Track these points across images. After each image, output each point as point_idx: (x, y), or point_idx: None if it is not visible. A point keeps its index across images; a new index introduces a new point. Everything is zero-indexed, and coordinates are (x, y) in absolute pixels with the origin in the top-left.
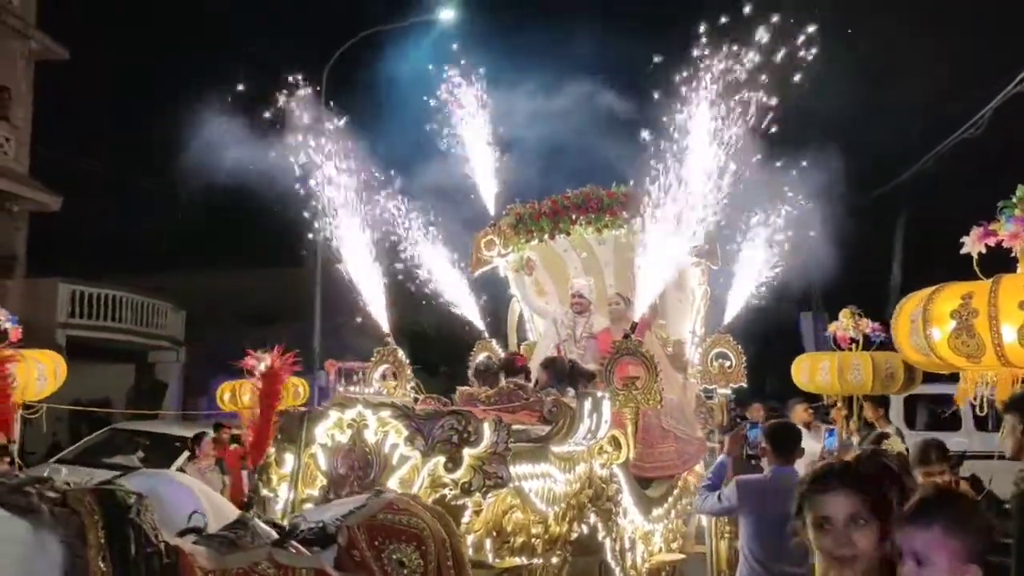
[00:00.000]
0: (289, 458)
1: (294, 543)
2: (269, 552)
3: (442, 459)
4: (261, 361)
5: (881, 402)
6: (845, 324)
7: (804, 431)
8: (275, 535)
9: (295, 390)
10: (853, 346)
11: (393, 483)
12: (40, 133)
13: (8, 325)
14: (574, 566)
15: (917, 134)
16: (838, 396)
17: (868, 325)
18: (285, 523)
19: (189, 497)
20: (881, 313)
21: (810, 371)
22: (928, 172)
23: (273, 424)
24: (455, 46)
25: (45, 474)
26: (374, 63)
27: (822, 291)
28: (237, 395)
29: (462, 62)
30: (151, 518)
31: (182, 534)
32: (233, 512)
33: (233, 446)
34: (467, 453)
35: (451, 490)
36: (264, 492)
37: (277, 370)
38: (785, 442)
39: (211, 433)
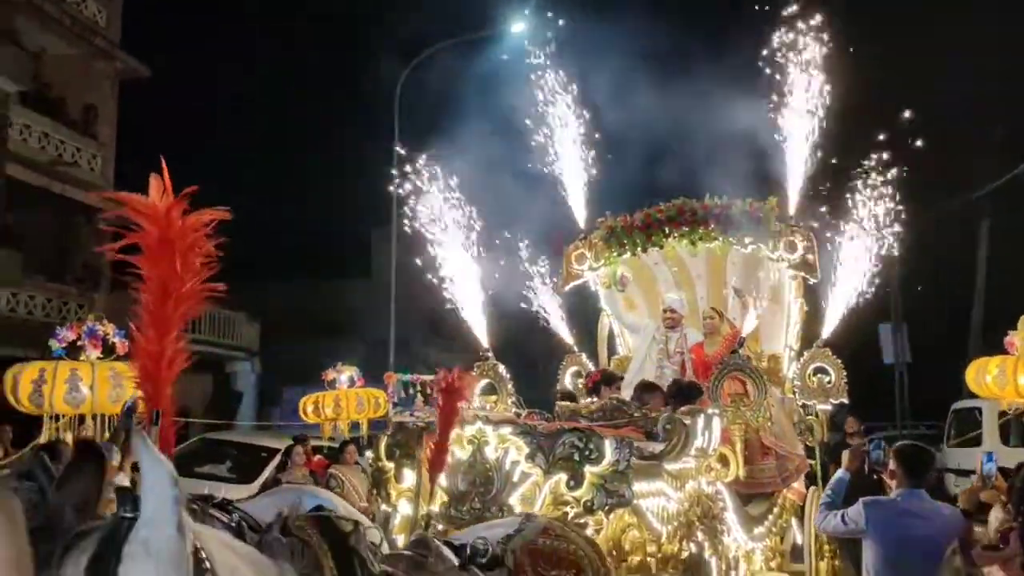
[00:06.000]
0: (408, 474)
1: (475, 568)
2: None
3: (564, 476)
4: (341, 373)
5: None
6: None
7: None
8: (455, 558)
9: (375, 401)
10: None
11: (514, 500)
12: (123, 149)
13: (116, 339)
14: None
15: (1003, 140)
16: (1011, 403)
17: None
18: (458, 544)
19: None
20: (965, 324)
21: (984, 375)
22: (1017, 181)
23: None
24: (544, 53)
25: (206, 491)
26: (448, 79)
27: (902, 302)
28: (320, 407)
29: (547, 74)
30: (366, 546)
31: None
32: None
33: (317, 457)
34: (588, 471)
35: (573, 508)
36: (383, 507)
37: (458, 387)
38: (918, 465)
39: (300, 445)
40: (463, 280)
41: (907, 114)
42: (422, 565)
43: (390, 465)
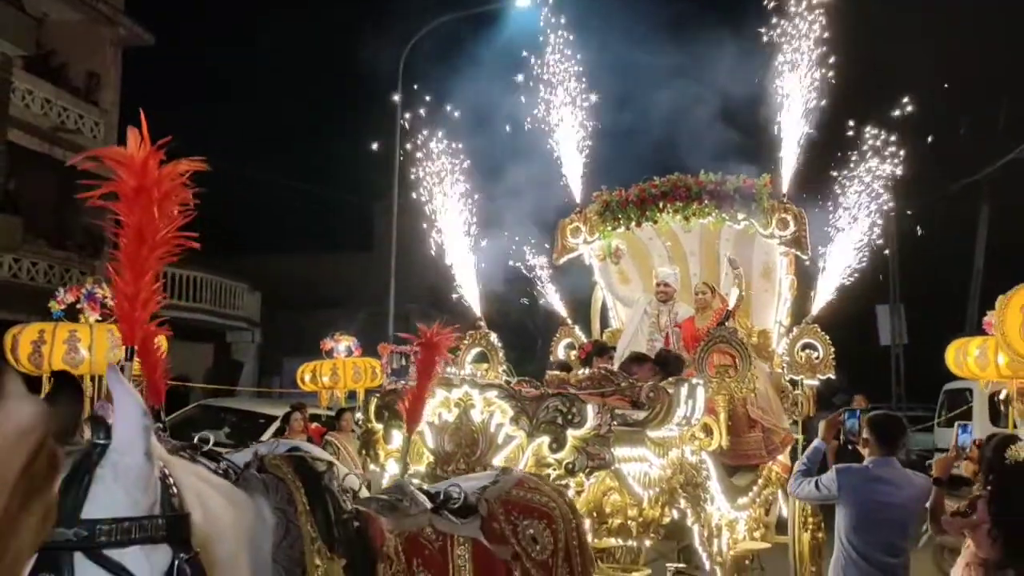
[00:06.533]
0: (396, 435)
1: (447, 513)
2: (430, 519)
3: (546, 439)
4: (339, 343)
5: None
6: None
7: None
8: (428, 503)
9: (371, 371)
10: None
11: (498, 462)
12: (125, 116)
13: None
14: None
15: (1004, 124)
16: (987, 382)
17: None
18: (434, 491)
19: None
20: (963, 307)
21: (963, 356)
22: (1017, 163)
23: (427, 394)
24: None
25: (195, 440)
26: (452, 50)
27: (900, 283)
28: (317, 375)
29: (546, 45)
30: (339, 484)
31: None
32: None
33: (313, 424)
34: (571, 434)
35: (555, 470)
36: (371, 467)
37: (436, 342)
38: (889, 433)
39: (298, 412)
40: (462, 253)
41: (908, 94)
42: (395, 507)
43: (379, 426)
